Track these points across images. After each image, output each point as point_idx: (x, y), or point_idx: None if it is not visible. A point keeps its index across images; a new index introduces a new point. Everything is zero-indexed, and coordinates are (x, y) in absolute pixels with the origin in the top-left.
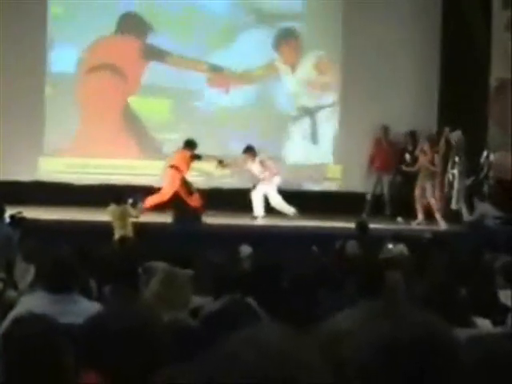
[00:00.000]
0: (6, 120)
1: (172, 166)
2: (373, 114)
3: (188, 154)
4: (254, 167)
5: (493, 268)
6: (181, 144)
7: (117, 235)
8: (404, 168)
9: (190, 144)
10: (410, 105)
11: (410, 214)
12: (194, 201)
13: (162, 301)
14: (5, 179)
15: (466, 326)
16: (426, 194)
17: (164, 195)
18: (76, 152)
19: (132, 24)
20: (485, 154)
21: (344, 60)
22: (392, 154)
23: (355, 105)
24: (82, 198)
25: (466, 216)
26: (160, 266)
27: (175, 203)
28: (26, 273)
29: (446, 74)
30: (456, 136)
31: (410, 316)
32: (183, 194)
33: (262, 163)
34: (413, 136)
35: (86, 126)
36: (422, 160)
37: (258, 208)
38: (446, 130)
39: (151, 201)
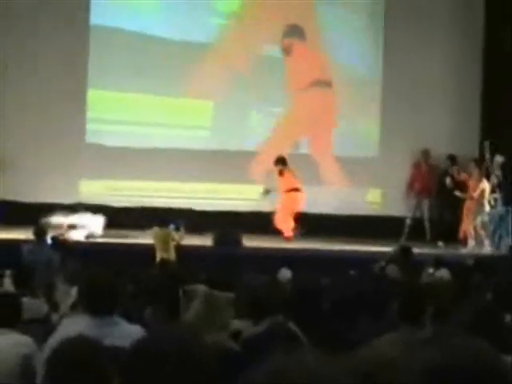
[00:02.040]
0: (48, 142)
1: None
2: (412, 137)
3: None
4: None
5: None
6: None
7: (158, 258)
8: (459, 194)
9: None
10: (451, 129)
11: (451, 239)
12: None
13: (203, 323)
14: (47, 201)
15: (508, 353)
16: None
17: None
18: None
19: None
20: None
21: (384, 83)
22: (432, 178)
23: (395, 128)
24: (122, 220)
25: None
26: (200, 288)
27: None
28: (66, 295)
29: (488, 99)
30: (498, 160)
31: (459, 343)
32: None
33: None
34: (453, 160)
35: None
36: (476, 185)
37: None
38: (486, 144)
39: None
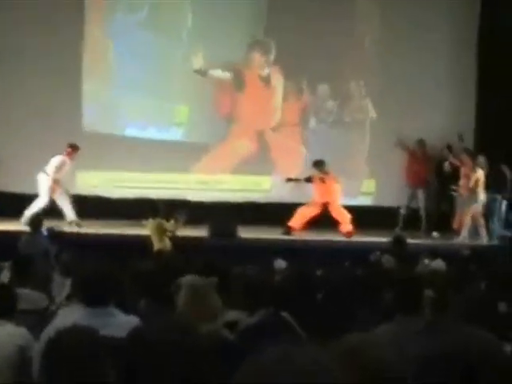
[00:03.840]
0: (44, 135)
1: None
2: (407, 128)
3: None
4: None
5: None
6: None
7: (155, 248)
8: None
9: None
10: (446, 120)
11: (446, 229)
12: None
13: (192, 313)
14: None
15: (506, 339)
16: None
17: None
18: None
19: None
20: None
21: (380, 75)
22: (427, 168)
23: (390, 119)
24: (118, 211)
25: (500, 231)
26: (185, 280)
27: (212, 217)
28: (62, 286)
29: (483, 91)
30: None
31: (456, 330)
32: None
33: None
34: (449, 149)
35: None
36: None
37: None
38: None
39: None
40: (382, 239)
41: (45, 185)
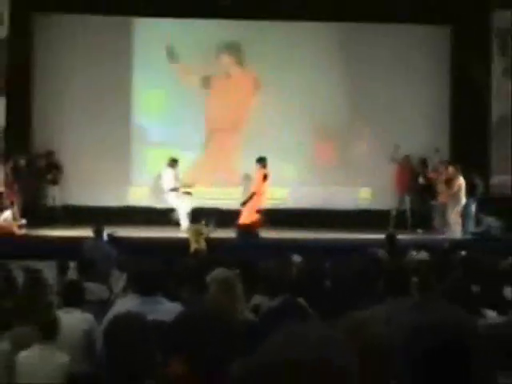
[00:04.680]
0: (103, 159)
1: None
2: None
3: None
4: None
5: (498, 269)
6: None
7: (192, 248)
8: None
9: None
10: (426, 137)
11: (428, 226)
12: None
13: (223, 300)
14: (101, 205)
15: (477, 314)
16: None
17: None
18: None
19: None
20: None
21: (372, 102)
22: (412, 178)
23: (382, 137)
24: (162, 219)
25: (474, 227)
26: (216, 272)
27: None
28: (119, 280)
29: (455, 114)
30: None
31: (438, 308)
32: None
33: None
34: (424, 163)
35: None
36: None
37: None
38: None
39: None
40: (377, 236)
41: (173, 197)
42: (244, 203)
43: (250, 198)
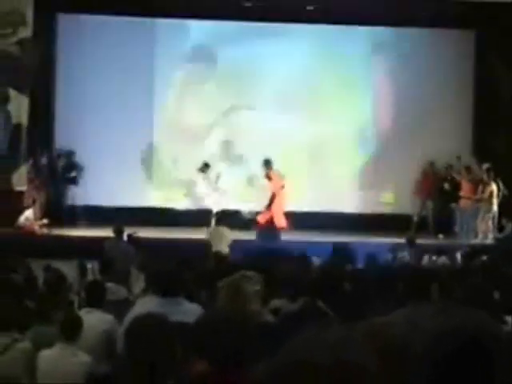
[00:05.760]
0: (124, 159)
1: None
2: (419, 152)
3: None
4: None
5: None
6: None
7: (213, 250)
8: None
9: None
10: (449, 146)
11: (450, 232)
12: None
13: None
14: (121, 205)
15: (499, 320)
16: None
17: None
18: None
19: None
20: None
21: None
22: (435, 184)
23: (405, 146)
24: (183, 220)
25: (495, 233)
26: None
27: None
28: (139, 280)
29: (479, 125)
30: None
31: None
32: None
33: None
34: (450, 167)
35: None
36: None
37: None
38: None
39: None
40: (399, 240)
41: (211, 199)
42: (268, 206)
43: (272, 200)
